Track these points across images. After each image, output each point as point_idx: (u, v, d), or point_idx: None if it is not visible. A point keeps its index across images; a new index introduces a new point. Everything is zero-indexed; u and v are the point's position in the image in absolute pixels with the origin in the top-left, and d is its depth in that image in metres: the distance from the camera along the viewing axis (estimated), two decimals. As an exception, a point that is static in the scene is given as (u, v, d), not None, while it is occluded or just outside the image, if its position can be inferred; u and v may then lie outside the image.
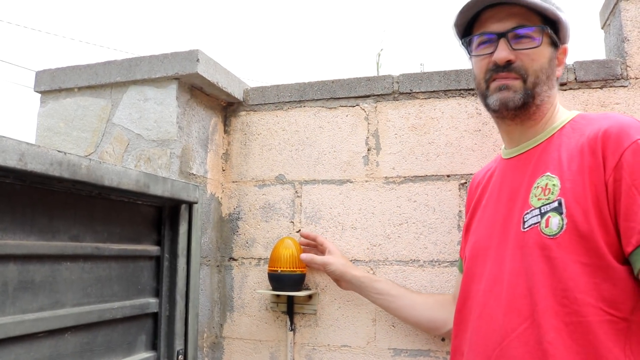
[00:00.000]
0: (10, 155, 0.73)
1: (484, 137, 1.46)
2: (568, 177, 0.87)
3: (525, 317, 0.86)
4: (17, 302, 0.82)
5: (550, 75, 0.98)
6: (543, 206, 0.88)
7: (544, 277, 0.85)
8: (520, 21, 0.95)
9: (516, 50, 0.95)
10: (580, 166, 0.86)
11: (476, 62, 1.02)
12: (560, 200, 0.86)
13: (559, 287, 0.83)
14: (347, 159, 1.57)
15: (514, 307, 0.88)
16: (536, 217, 0.89)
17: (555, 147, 0.94)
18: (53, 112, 1.59)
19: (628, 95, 1.36)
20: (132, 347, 1.10)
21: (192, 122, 1.52)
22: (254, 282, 1.62)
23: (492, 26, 0.97)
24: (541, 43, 0.95)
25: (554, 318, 0.82)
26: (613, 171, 0.82)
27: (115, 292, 1.05)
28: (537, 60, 0.95)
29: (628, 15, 1.39)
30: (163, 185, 1.10)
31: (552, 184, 0.88)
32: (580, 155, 0.87)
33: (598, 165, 0.84)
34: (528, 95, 0.95)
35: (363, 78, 1.59)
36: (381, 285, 1.36)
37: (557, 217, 0.85)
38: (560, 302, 0.83)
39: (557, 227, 0.85)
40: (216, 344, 1.63)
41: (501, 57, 0.94)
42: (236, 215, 1.67)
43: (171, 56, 1.45)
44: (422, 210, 1.48)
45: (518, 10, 0.96)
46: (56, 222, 0.90)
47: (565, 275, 0.83)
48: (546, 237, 0.86)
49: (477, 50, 1.02)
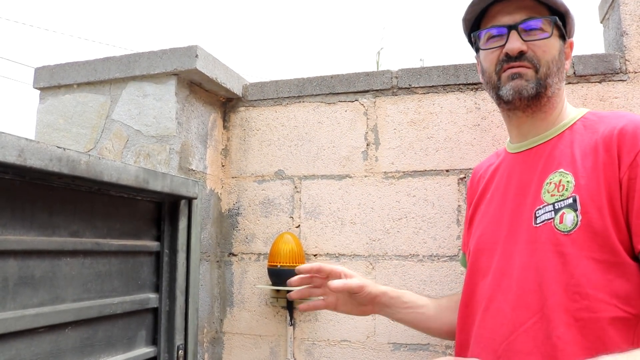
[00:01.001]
0: (10, 151, 0.73)
1: (482, 131, 1.46)
2: (582, 174, 0.87)
3: (535, 312, 0.86)
4: (18, 297, 0.82)
5: (561, 68, 0.98)
6: (557, 202, 0.88)
7: (556, 272, 0.85)
8: (530, 13, 0.96)
9: (527, 41, 0.95)
10: (595, 163, 0.86)
11: (486, 55, 1.02)
12: (575, 196, 0.86)
13: (571, 283, 0.83)
14: (346, 154, 1.57)
15: (523, 302, 0.88)
16: (550, 213, 0.88)
17: (567, 144, 0.93)
18: (52, 109, 1.59)
19: (627, 89, 1.36)
20: (133, 342, 1.11)
21: (191, 118, 1.52)
22: (254, 277, 1.63)
23: (502, 19, 0.97)
24: (551, 35, 0.95)
25: (565, 313, 0.82)
26: (628, 169, 0.82)
27: (115, 288, 1.05)
28: (548, 51, 0.95)
29: (627, 9, 1.39)
30: (162, 180, 1.10)
31: (566, 180, 0.88)
32: (594, 153, 0.87)
33: (613, 163, 0.84)
34: (540, 85, 0.94)
35: (362, 73, 1.59)
36: (407, 296, 1.17)
37: (571, 213, 0.85)
38: (571, 297, 0.83)
39: (571, 224, 0.85)
40: (216, 339, 1.64)
41: (514, 47, 0.94)
42: (236, 210, 1.67)
43: (170, 52, 1.45)
44: (421, 205, 1.49)
45: (527, 3, 0.96)
46: (56, 218, 0.90)
47: (578, 271, 0.83)
48: (560, 233, 0.86)
49: (487, 44, 1.01)
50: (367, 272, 1.51)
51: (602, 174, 0.84)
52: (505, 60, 0.97)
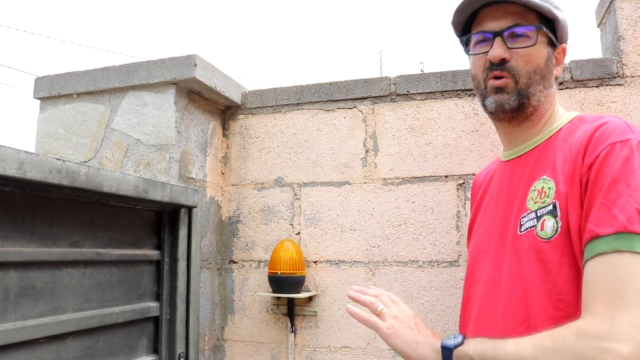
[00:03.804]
0: (9, 163, 0.74)
1: (481, 137, 1.47)
2: (561, 179, 0.87)
3: (522, 320, 0.86)
4: (19, 308, 0.82)
5: (547, 75, 0.97)
6: (539, 209, 0.88)
7: (539, 280, 0.85)
8: (516, 20, 0.95)
9: (511, 49, 0.95)
10: (572, 168, 0.86)
11: (474, 60, 1.02)
12: (555, 203, 0.86)
13: (554, 290, 0.83)
14: (346, 160, 1.58)
15: (511, 310, 0.89)
16: (532, 221, 0.89)
17: (551, 150, 0.94)
18: (52, 118, 1.60)
19: (624, 93, 1.37)
20: (134, 351, 1.11)
21: (191, 127, 1.53)
22: (254, 284, 1.63)
23: (489, 25, 0.98)
24: (537, 42, 0.95)
25: (549, 320, 0.82)
26: (587, 171, 0.82)
27: (116, 297, 1.05)
28: (531, 60, 0.95)
29: (623, 14, 1.39)
30: (162, 190, 1.10)
31: (548, 187, 0.88)
32: (571, 157, 0.87)
33: (580, 165, 0.84)
34: (522, 96, 0.95)
35: (360, 80, 1.60)
36: None
37: (551, 220, 0.85)
38: (555, 305, 0.83)
39: (551, 230, 0.85)
40: (217, 346, 1.64)
41: (496, 55, 0.95)
42: (236, 218, 1.67)
43: (169, 61, 1.46)
44: (421, 211, 1.49)
45: (515, 9, 0.96)
46: (56, 229, 0.91)
47: (560, 278, 0.83)
48: (541, 241, 0.86)
49: (475, 49, 1.02)
50: (367, 279, 1.51)
51: (576, 178, 0.84)
52: (490, 67, 0.97)
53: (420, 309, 1.45)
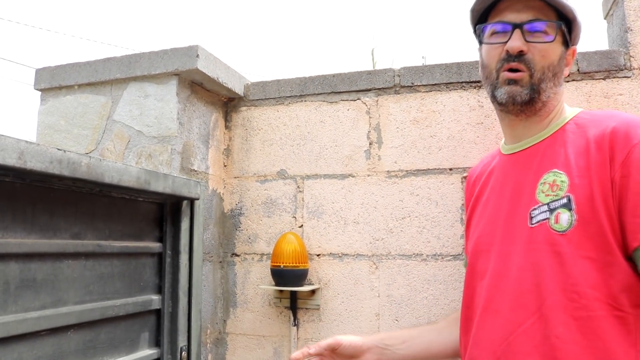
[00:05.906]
0: (10, 153, 0.72)
1: (486, 129, 1.45)
2: (576, 173, 0.87)
3: (533, 312, 0.86)
4: (19, 300, 0.81)
5: (558, 73, 0.98)
6: (552, 202, 0.88)
7: (553, 272, 0.85)
8: (537, 14, 0.95)
9: (529, 42, 0.95)
10: (587, 163, 0.86)
11: (488, 50, 1.02)
12: (570, 196, 0.86)
13: (568, 282, 0.84)
14: (349, 153, 1.57)
15: (520, 302, 0.88)
16: (545, 213, 0.89)
17: (560, 144, 0.94)
18: (53, 110, 1.59)
19: (632, 85, 1.35)
20: (135, 344, 1.10)
21: (193, 118, 1.52)
22: (257, 277, 1.62)
23: (509, 16, 0.97)
24: (554, 39, 0.95)
25: (563, 313, 0.83)
26: (620, 167, 0.82)
27: (118, 290, 1.04)
28: (547, 56, 0.95)
29: (631, 5, 1.37)
30: (164, 181, 1.09)
31: (561, 180, 0.89)
32: (586, 153, 0.88)
33: (605, 162, 0.84)
34: (534, 90, 0.95)
35: (364, 72, 1.58)
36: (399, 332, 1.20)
37: (566, 213, 0.86)
38: (569, 297, 0.83)
39: (567, 223, 0.85)
40: (220, 339, 1.63)
41: (514, 46, 0.94)
42: (238, 210, 1.66)
43: (171, 52, 1.45)
44: (425, 204, 1.48)
45: (536, 4, 0.96)
46: (57, 220, 0.90)
47: (575, 270, 0.83)
48: (556, 233, 0.86)
49: (491, 39, 1.01)
50: (370, 272, 1.50)
51: (594, 174, 0.85)
52: (506, 59, 0.96)
53: (424, 303, 1.44)
